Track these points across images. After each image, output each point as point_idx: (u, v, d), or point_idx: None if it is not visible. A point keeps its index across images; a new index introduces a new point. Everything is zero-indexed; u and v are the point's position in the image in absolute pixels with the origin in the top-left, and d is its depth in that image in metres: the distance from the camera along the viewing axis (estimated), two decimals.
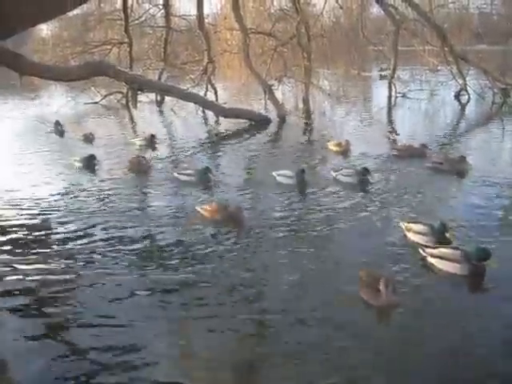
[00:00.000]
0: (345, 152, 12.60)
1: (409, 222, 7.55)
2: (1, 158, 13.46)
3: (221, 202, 8.77)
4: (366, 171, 10.12)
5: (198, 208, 8.71)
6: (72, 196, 10.13)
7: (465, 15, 29.61)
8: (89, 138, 15.36)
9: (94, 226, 8.34)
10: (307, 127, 17.34)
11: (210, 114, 18.64)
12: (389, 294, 5.59)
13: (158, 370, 4.81)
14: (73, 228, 8.33)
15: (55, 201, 9.79)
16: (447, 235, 7.07)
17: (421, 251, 6.77)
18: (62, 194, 10.27)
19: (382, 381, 4.61)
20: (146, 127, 17.42)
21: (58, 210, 9.21)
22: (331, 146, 12.96)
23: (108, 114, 21.21)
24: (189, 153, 13.89)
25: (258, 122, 17.24)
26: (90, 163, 12.17)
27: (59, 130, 16.66)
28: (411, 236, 7.38)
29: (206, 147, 14.77)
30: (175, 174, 11.05)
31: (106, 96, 23.09)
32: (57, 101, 24.45)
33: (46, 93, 28.29)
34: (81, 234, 8.08)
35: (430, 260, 6.62)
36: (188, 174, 10.84)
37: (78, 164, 12.25)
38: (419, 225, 7.41)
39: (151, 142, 14.62)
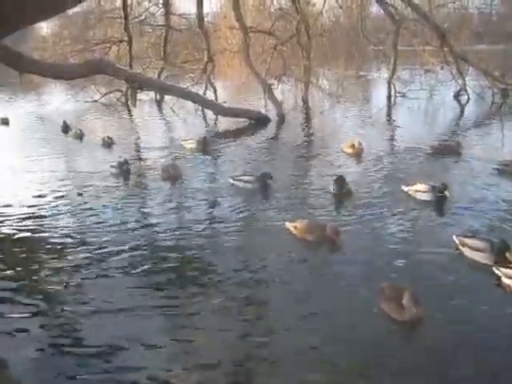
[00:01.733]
0: (359, 153, 12.28)
1: (464, 237, 6.97)
2: (22, 164, 12.72)
3: (314, 220, 7.90)
4: (444, 187, 8.88)
5: (287, 224, 7.83)
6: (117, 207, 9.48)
7: (464, 15, 29.71)
8: (107, 143, 14.47)
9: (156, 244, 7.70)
10: (308, 127, 17.31)
11: (209, 112, 18.63)
12: (413, 307, 5.37)
13: None
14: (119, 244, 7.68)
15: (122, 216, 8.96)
16: (507, 255, 6.47)
17: (495, 270, 6.29)
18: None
19: None
20: (152, 128, 17.50)
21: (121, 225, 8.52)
22: (345, 148, 12.63)
23: (110, 112, 21.09)
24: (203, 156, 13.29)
25: (258, 121, 17.24)
26: (124, 169, 11.45)
27: (78, 133, 15.78)
28: (466, 252, 6.81)
29: (223, 149, 14.18)
30: (231, 181, 10.33)
31: (105, 94, 23.06)
32: (57, 99, 24.47)
33: (46, 90, 28.26)
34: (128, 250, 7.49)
35: (506, 281, 6.14)
36: (247, 181, 10.12)
37: (114, 170, 11.55)
38: (476, 240, 6.82)
39: (204, 144, 13.74)
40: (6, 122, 18.61)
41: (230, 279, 6.52)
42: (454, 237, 7.05)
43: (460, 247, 6.91)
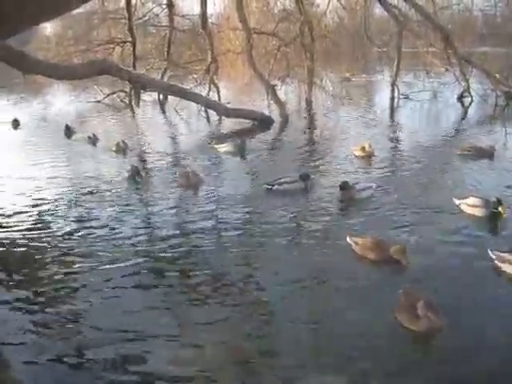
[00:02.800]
0: (369, 156, 12.15)
1: (501, 251, 6.54)
2: (45, 171, 12.08)
3: (378, 237, 7.10)
4: (498, 203, 8.03)
5: (348, 239, 7.20)
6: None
7: (468, 17, 29.66)
8: (121, 149, 13.81)
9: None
10: (314, 129, 17.24)
11: (212, 113, 18.61)
12: (428, 317, 5.16)
13: None
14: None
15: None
16: None
17: None
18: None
19: None
20: (162, 130, 17.44)
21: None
22: (356, 151, 12.45)
23: (115, 113, 21.02)
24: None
25: (261, 123, 17.23)
26: (135, 175, 11.02)
27: (92, 138, 15.19)
28: (507, 268, 6.37)
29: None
30: (268, 187, 9.92)
31: (109, 95, 23.11)
32: (61, 100, 24.55)
33: (49, 91, 28.34)
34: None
35: None
36: (288, 182, 9.89)
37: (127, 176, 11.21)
38: None
39: (241, 149, 13.27)
40: (16, 124, 18.31)
41: (279, 294, 6.16)
42: (490, 251, 6.63)
43: (497, 262, 6.50)
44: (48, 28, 31.00)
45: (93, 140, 15.18)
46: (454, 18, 28.54)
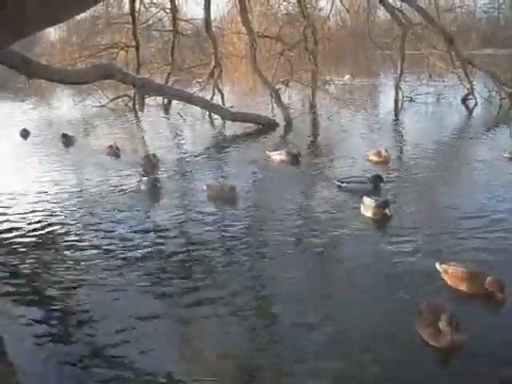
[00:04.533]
0: (385, 162, 11.76)
1: None
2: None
3: (471, 266, 6.12)
4: None
5: (438, 267, 6.29)
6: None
7: (472, 19, 29.68)
8: (152, 163, 12.47)
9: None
10: (320, 133, 17.17)
11: (216, 117, 18.60)
12: (452, 332, 4.79)
13: None
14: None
15: None
16: None
17: None
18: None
19: None
20: (182, 138, 17.20)
21: None
22: (371, 156, 12.09)
23: (122, 119, 20.85)
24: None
25: (266, 126, 17.22)
26: (154, 187, 10.29)
27: (114, 151, 13.78)
28: None
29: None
30: (338, 183, 9.86)
31: (113, 99, 23.16)
32: (67, 105, 24.62)
33: (54, 96, 28.42)
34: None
35: None
36: (359, 183, 9.75)
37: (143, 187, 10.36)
38: None
39: (295, 159, 12.53)
40: (26, 134, 17.38)
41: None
42: None
43: None
44: (52, 33, 31.21)
45: (115, 153, 13.87)
46: (457, 21, 28.56)
